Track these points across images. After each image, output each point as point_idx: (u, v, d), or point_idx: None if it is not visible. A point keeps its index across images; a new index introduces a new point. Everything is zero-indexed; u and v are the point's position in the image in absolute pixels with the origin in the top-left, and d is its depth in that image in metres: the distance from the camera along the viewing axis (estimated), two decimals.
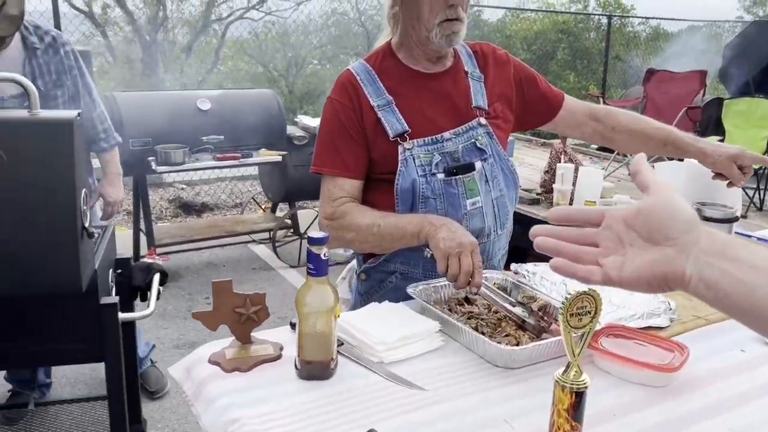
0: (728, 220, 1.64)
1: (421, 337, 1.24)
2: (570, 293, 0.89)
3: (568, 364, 0.93)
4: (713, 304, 0.68)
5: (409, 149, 1.47)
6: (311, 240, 1.09)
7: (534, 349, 1.19)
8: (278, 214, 4.96)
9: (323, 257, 1.09)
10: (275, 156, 4.13)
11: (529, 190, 4.08)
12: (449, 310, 1.38)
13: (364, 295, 1.60)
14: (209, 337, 1.23)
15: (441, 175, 1.48)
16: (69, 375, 2.95)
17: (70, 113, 1.64)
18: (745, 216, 4.61)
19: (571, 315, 0.89)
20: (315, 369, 1.12)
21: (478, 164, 1.51)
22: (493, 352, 1.19)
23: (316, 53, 12.10)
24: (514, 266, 1.60)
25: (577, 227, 0.77)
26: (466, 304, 1.41)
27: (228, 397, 1.07)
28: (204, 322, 1.19)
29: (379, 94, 1.50)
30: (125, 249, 4.13)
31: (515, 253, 4.58)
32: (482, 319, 1.34)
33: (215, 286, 1.17)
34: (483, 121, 1.54)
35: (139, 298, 2.17)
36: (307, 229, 4.57)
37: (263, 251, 4.77)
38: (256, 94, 4.46)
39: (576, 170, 3.65)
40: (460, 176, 1.48)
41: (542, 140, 5.82)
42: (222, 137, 3.99)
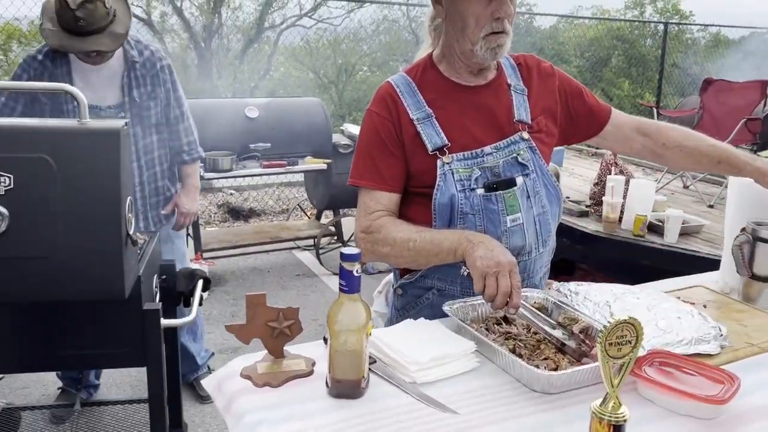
0: None
1: (456, 357, 1.21)
2: (609, 321, 0.86)
3: (607, 394, 0.89)
4: None
5: (448, 163, 1.44)
6: (343, 256, 1.07)
7: (573, 375, 1.14)
8: (323, 221, 4.99)
9: (356, 274, 1.08)
10: (320, 164, 4.16)
11: (578, 202, 3.99)
12: (486, 329, 1.35)
13: (401, 310, 1.58)
14: (251, 343, 1.22)
15: (480, 191, 1.44)
16: (115, 377, 3.02)
17: (117, 123, 1.67)
18: None
19: (610, 344, 0.85)
20: (345, 387, 1.10)
21: (519, 180, 1.47)
22: (530, 376, 1.15)
23: (366, 60, 12.18)
24: (556, 285, 1.55)
25: None
26: (504, 324, 1.37)
27: (258, 413, 1.06)
28: (237, 335, 1.19)
29: (418, 107, 1.47)
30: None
31: (562, 266, 4.50)
32: (520, 341, 1.30)
33: (249, 299, 1.17)
34: (525, 135, 1.50)
35: (183, 303, 2.20)
36: (350, 237, 4.58)
37: (307, 258, 4.80)
38: (303, 103, 4.50)
39: (627, 182, 3.55)
40: (501, 192, 1.45)
41: (593, 150, 5.69)
42: (269, 145, 4.04)
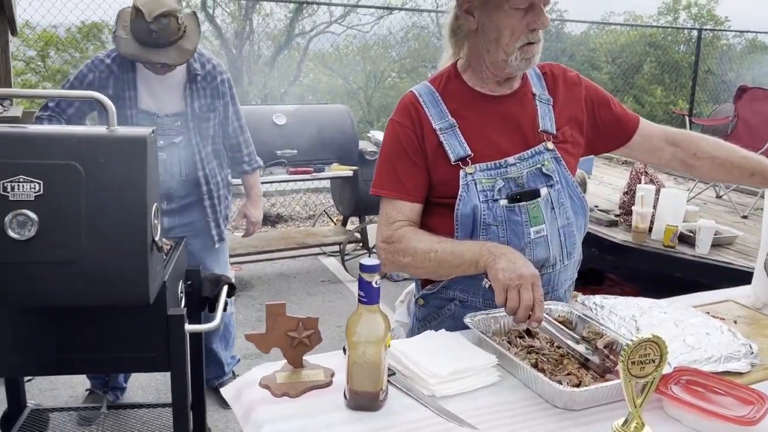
0: None
1: (476, 371, 1.20)
2: (633, 339, 0.83)
3: (629, 414, 0.87)
4: None
5: (470, 174, 1.43)
6: (363, 267, 1.07)
7: (596, 391, 1.12)
8: (348, 227, 5.00)
9: (375, 285, 1.07)
10: (346, 171, 4.18)
11: (607, 211, 3.92)
12: (508, 342, 1.33)
13: (422, 321, 1.56)
14: (275, 349, 1.22)
15: (504, 202, 1.43)
16: (142, 380, 3.05)
17: (145, 130, 1.69)
18: None
19: (633, 363, 0.83)
20: (363, 399, 1.09)
21: (543, 191, 1.45)
22: (551, 392, 1.13)
23: (395, 66, 12.20)
24: (581, 298, 1.52)
25: None
26: (527, 337, 1.35)
27: (275, 423, 1.06)
28: (256, 344, 1.19)
29: (441, 116, 1.46)
30: None
31: (591, 276, 4.42)
32: (543, 355, 1.27)
33: (268, 308, 1.17)
34: (550, 145, 1.48)
35: (208, 309, 2.22)
36: (375, 244, 4.57)
37: (333, 264, 4.81)
38: (330, 109, 4.53)
39: (657, 192, 3.49)
40: (524, 203, 1.43)
41: (623, 158, 5.60)
42: (296, 151, 4.07)
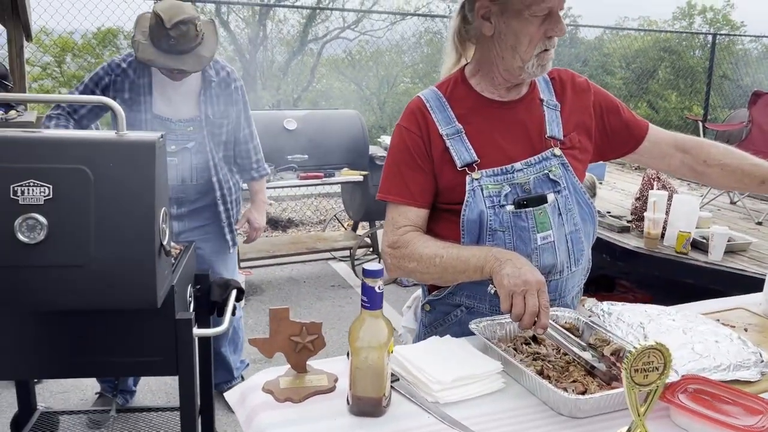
0: None
1: (481, 377, 1.19)
2: (635, 347, 0.82)
3: (632, 423, 0.86)
4: None
5: (477, 179, 1.42)
6: (366, 272, 1.06)
7: (602, 399, 1.10)
8: (359, 232, 5.00)
9: (378, 290, 1.07)
10: (357, 176, 4.18)
11: (619, 217, 3.89)
12: (514, 349, 1.32)
13: (428, 327, 1.56)
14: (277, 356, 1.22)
15: (510, 207, 1.42)
16: (151, 383, 3.06)
17: (153, 135, 1.70)
18: None
19: (636, 371, 0.82)
20: (366, 405, 1.09)
21: (550, 196, 1.44)
22: (556, 400, 1.12)
23: (408, 72, 12.21)
24: (588, 304, 1.51)
25: None
26: (533, 344, 1.34)
27: (277, 429, 1.06)
28: (260, 348, 1.19)
29: (448, 122, 1.46)
30: None
31: (603, 282, 4.38)
32: (549, 362, 1.26)
33: (272, 313, 1.17)
34: (558, 151, 1.47)
35: (217, 313, 2.23)
36: None
37: (343, 269, 4.81)
38: (341, 115, 4.54)
39: (670, 198, 3.46)
40: (531, 209, 1.42)
41: (635, 164, 5.57)
42: (306, 156, 4.08)
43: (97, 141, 1.65)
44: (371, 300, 1.07)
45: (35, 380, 2.89)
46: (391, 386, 1.15)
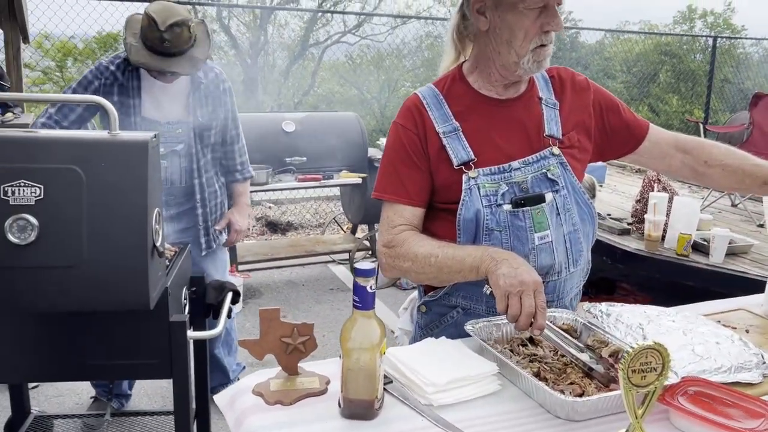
0: None
1: (476, 379, 1.16)
2: (633, 346, 0.80)
3: (630, 425, 0.83)
4: None
5: (474, 178, 1.40)
6: (357, 271, 1.04)
7: (599, 401, 1.08)
8: (358, 235, 4.98)
9: (370, 290, 1.04)
10: (355, 178, 4.16)
11: (620, 219, 3.87)
12: (510, 350, 1.29)
13: (425, 328, 1.53)
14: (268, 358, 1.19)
15: (507, 207, 1.39)
16: (147, 387, 3.04)
17: (147, 135, 1.68)
18: None
19: (634, 371, 0.80)
20: (358, 408, 1.06)
21: (548, 196, 1.42)
22: (553, 402, 1.09)
23: (409, 76, 12.21)
24: (587, 305, 1.48)
25: None
26: (530, 345, 1.31)
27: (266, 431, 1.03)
28: (250, 350, 1.16)
29: (445, 119, 1.44)
30: None
31: (603, 285, 4.35)
32: (546, 364, 1.24)
33: (262, 314, 1.15)
34: (556, 150, 1.44)
35: (212, 316, 2.20)
36: None
37: (342, 272, 4.78)
38: (340, 117, 4.53)
39: (670, 200, 3.43)
40: (528, 208, 1.39)
41: (636, 166, 5.54)
42: (305, 158, 4.07)
43: (89, 141, 1.62)
44: (363, 300, 1.05)
45: (30, 384, 2.87)
46: (384, 388, 1.13)
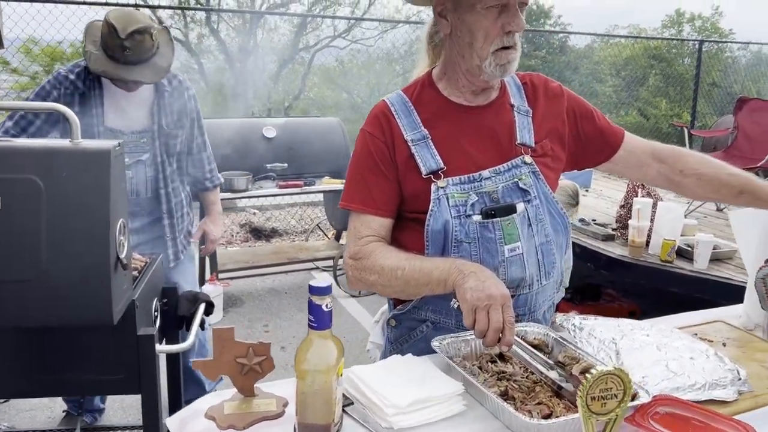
0: None
1: (441, 400, 1.11)
2: (592, 372, 0.75)
3: None
4: None
5: (442, 188, 1.35)
6: (312, 289, 0.99)
7: (566, 424, 1.03)
8: (342, 241, 4.92)
9: (325, 308, 1.00)
10: (337, 184, 4.11)
11: (605, 225, 3.84)
12: (479, 367, 1.25)
13: (394, 343, 1.48)
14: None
15: (477, 217, 1.35)
16: (123, 400, 2.97)
17: (110, 143, 1.63)
18: None
19: (593, 398, 0.75)
20: None
21: (520, 206, 1.37)
22: (518, 425, 1.05)
23: (399, 80, 12.19)
24: (560, 318, 1.44)
25: None
26: (499, 362, 1.27)
27: None
28: (203, 371, 1.11)
29: (414, 127, 1.39)
30: None
31: (588, 292, 4.31)
32: (515, 381, 1.19)
33: (215, 333, 1.10)
34: (528, 159, 1.40)
35: (186, 328, 2.15)
36: None
37: (325, 279, 4.73)
38: (322, 123, 4.48)
39: (654, 205, 3.40)
40: (498, 219, 1.35)
41: (612, 174, 5.51)
42: (285, 165, 4.02)
43: (49, 150, 1.57)
44: (318, 319, 1.00)
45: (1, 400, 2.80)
46: (344, 410, 1.08)
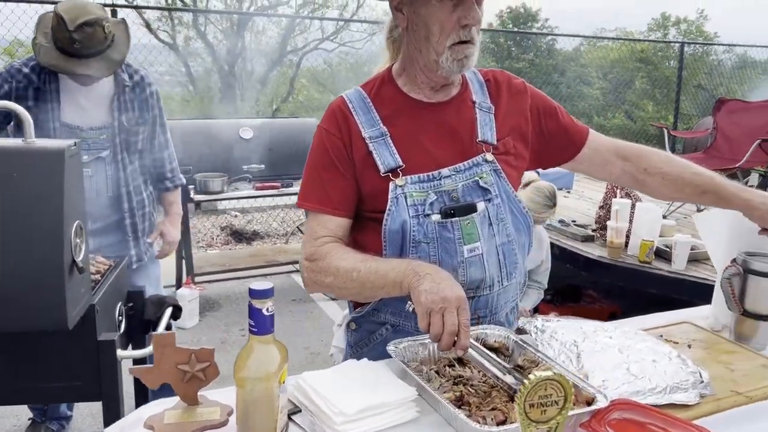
0: None
1: (393, 406, 1.07)
2: (530, 378, 0.72)
3: None
4: None
5: (401, 186, 1.31)
6: (252, 292, 0.95)
7: (518, 430, 0.99)
8: None
9: (266, 312, 0.96)
10: None
11: (585, 226, 3.82)
12: (437, 372, 1.21)
13: (354, 347, 1.44)
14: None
15: (436, 217, 1.31)
16: (92, 407, 2.91)
17: (64, 143, 1.58)
18: None
19: (532, 406, 0.71)
20: None
21: (480, 205, 1.34)
22: (470, 431, 1.01)
23: None
24: (523, 320, 1.41)
25: None
26: (457, 366, 1.23)
27: None
28: (143, 378, 1.07)
29: (372, 124, 1.35)
30: (169, 277, 4.13)
31: (569, 293, 4.29)
32: (472, 386, 1.15)
33: (156, 339, 1.05)
34: (489, 157, 1.36)
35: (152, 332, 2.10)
36: None
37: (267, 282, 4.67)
38: (300, 123, 4.44)
39: (633, 206, 3.38)
40: (457, 218, 1.31)
41: (577, 173, 5.50)
42: (263, 166, 3.96)
43: (0, 149, 1.52)
44: (259, 324, 0.95)
45: None
46: (291, 419, 1.04)
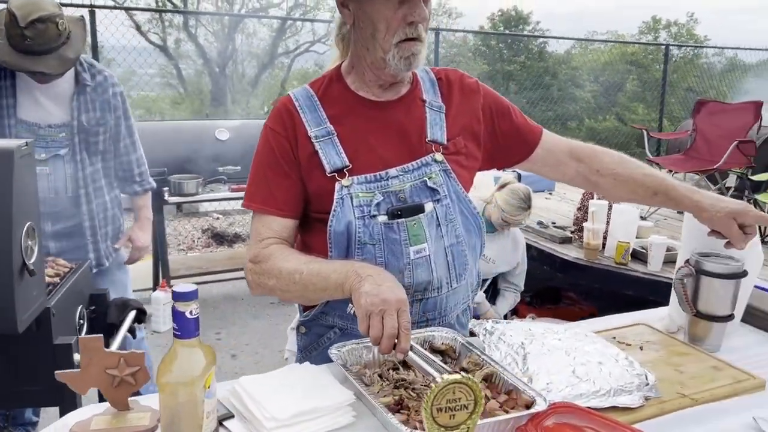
0: (732, 276, 1.36)
1: (328, 411, 1.05)
2: (437, 381, 0.69)
3: None
4: None
5: (347, 187, 1.29)
6: (176, 294, 0.93)
7: None
8: None
9: (190, 315, 0.93)
10: None
11: (563, 228, 3.81)
12: (380, 375, 1.18)
13: (304, 351, 1.42)
14: (219, 376, 1.04)
15: (383, 218, 1.29)
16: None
17: (14, 142, 1.55)
18: None
19: (439, 410, 0.69)
20: None
21: (428, 206, 1.31)
22: None
23: None
24: (473, 323, 1.38)
25: None
26: (401, 369, 1.20)
27: None
28: (70, 383, 1.04)
29: (319, 123, 1.33)
30: (146, 279, 4.10)
31: (548, 295, 4.27)
32: (413, 390, 1.13)
33: (82, 342, 1.02)
34: (439, 157, 1.34)
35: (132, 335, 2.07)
36: None
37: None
38: None
39: (610, 208, 3.37)
40: (404, 219, 1.29)
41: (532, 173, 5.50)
42: (239, 168, 3.93)
43: None
44: (183, 327, 0.93)
45: None
46: (222, 425, 1.01)
